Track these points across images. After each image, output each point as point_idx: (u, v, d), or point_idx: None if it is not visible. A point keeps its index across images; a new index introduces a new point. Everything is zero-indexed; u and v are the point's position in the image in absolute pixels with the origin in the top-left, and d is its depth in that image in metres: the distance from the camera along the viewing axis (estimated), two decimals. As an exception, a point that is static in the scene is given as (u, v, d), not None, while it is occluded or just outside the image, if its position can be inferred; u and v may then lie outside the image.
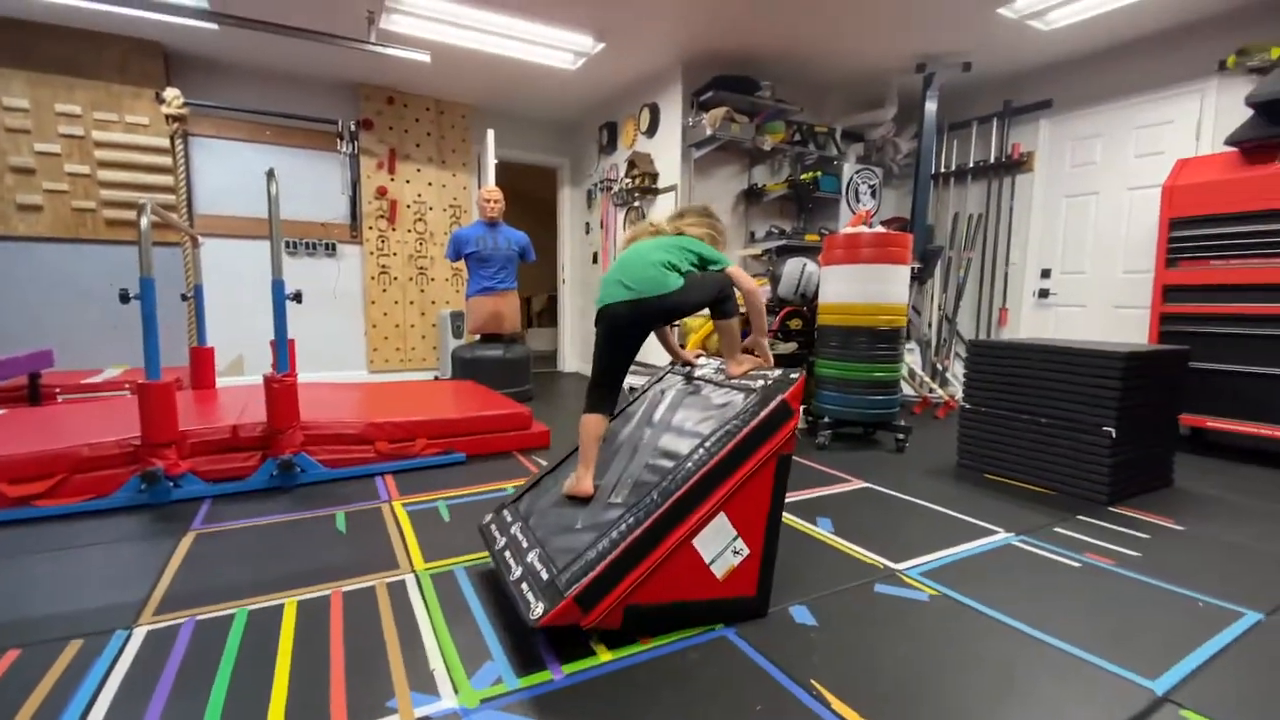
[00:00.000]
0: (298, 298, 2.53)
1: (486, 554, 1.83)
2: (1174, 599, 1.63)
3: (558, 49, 4.14)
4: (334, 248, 5.11)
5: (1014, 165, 4.48)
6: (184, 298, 3.53)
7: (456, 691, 1.20)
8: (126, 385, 3.58)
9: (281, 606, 1.53)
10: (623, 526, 1.36)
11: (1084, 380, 2.42)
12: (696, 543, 1.40)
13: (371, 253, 5.20)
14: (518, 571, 1.43)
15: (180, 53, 4.47)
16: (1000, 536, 2.04)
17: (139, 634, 1.41)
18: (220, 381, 4.41)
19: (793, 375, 1.57)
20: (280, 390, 2.40)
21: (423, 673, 1.26)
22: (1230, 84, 3.49)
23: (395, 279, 5.30)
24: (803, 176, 4.50)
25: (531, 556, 1.46)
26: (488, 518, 1.78)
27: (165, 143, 4.41)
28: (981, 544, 1.98)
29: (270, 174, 2.44)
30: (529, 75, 4.66)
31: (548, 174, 6.44)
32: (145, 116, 4.37)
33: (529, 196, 8.34)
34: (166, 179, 4.45)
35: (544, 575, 1.35)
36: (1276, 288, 2.93)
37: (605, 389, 1.74)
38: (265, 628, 1.43)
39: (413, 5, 3.58)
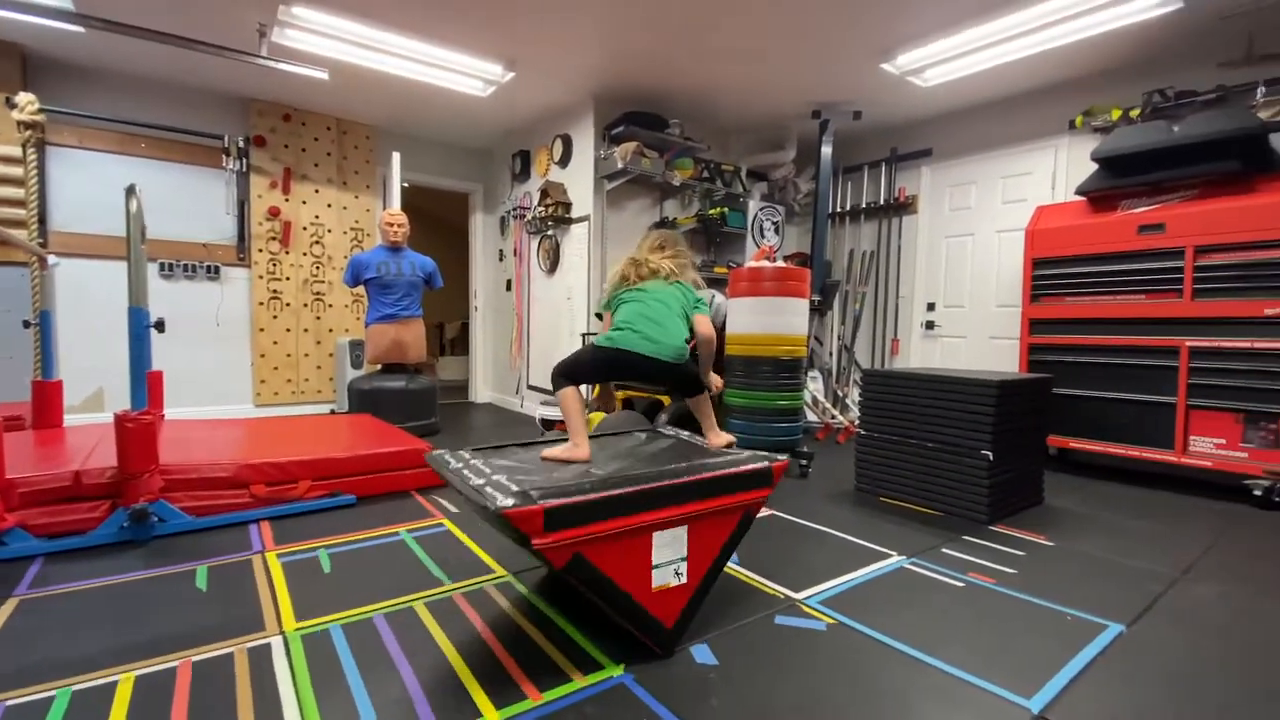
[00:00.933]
0: (159, 326, 2.28)
1: (371, 608, 1.68)
2: (1047, 615, 1.73)
3: (467, 75, 4.08)
4: (217, 270, 4.71)
5: (901, 207, 4.84)
6: (26, 324, 3.11)
7: (318, 773, 1.07)
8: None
9: (114, 684, 1.32)
10: (608, 479, 1.39)
11: (963, 407, 2.59)
12: (656, 537, 1.43)
13: (261, 276, 4.83)
14: (479, 481, 1.42)
15: (42, 56, 4.04)
16: (894, 560, 2.11)
17: (-79, 732, 1.17)
18: (74, 419, 3.92)
19: (779, 458, 1.66)
20: (134, 430, 2.13)
21: (279, 754, 1.12)
22: (1079, 140, 3.94)
23: (287, 305, 4.95)
24: (711, 211, 4.63)
25: (499, 476, 1.45)
26: (438, 451, 1.76)
27: (16, 151, 3.94)
28: (876, 568, 2.04)
29: (130, 190, 2.20)
30: (438, 99, 4.55)
31: (460, 198, 6.29)
32: (-9, 121, 3.89)
33: (440, 221, 8.13)
34: (15, 191, 3.96)
35: (513, 488, 1.34)
36: (1120, 321, 3.29)
37: (577, 382, 1.88)
38: (91, 711, 1.22)
39: (308, 21, 3.41)
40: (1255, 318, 2.91)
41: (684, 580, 1.49)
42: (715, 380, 2.04)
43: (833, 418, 4.53)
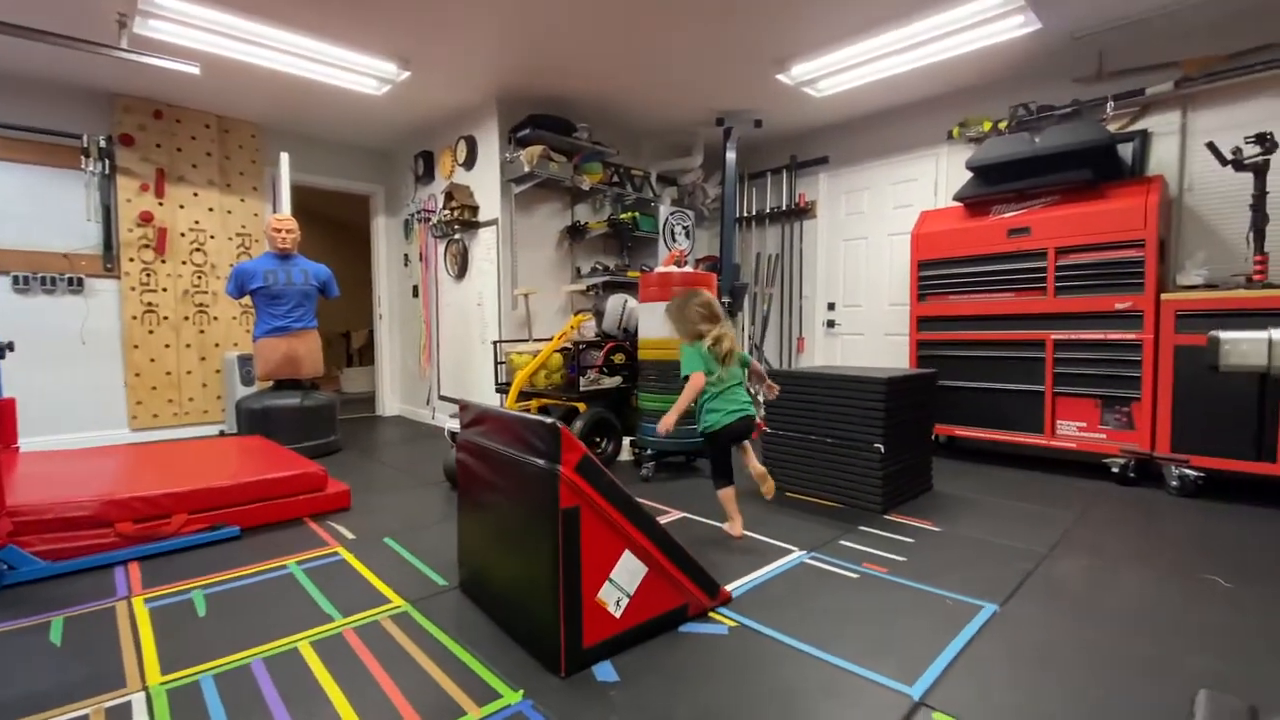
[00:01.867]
0: (4, 350, 2.02)
1: (249, 653, 1.56)
2: (930, 600, 1.85)
3: (358, 73, 3.87)
4: (80, 283, 4.24)
5: (801, 212, 5.05)
6: None
7: None
8: None
9: (-71, 772, 1.15)
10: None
11: (856, 403, 2.73)
12: (626, 555, 1.57)
13: (133, 288, 4.40)
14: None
15: None
16: (795, 555, 2.19)
17: None
18: (-103, 457, 3.42)
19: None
20: (-35, 472, 1.88)
21: (128, 833, 1.01)
22: (956, 150, 4.24)
23: (165, 318, 4.53)
24: (622, 216, 4.65)
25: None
26: None
27: None
28: (779, 565, 2.11)
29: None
30: (328, 97, 4.30)
31: (360, 200, 5.98)
32: None
33: (339, 223, 7.71)
34: None
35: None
36: (994, 318, 3.57)
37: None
38: (-108, 811, 1.06)
39: (173, 11, 3.12)
40: (1107, 312, 3.23)
41: (618, 615, 1.55)
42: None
43: (745, 416, 4.65)
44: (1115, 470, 3.20)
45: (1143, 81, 3.53)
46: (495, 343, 4.35)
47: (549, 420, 1.50)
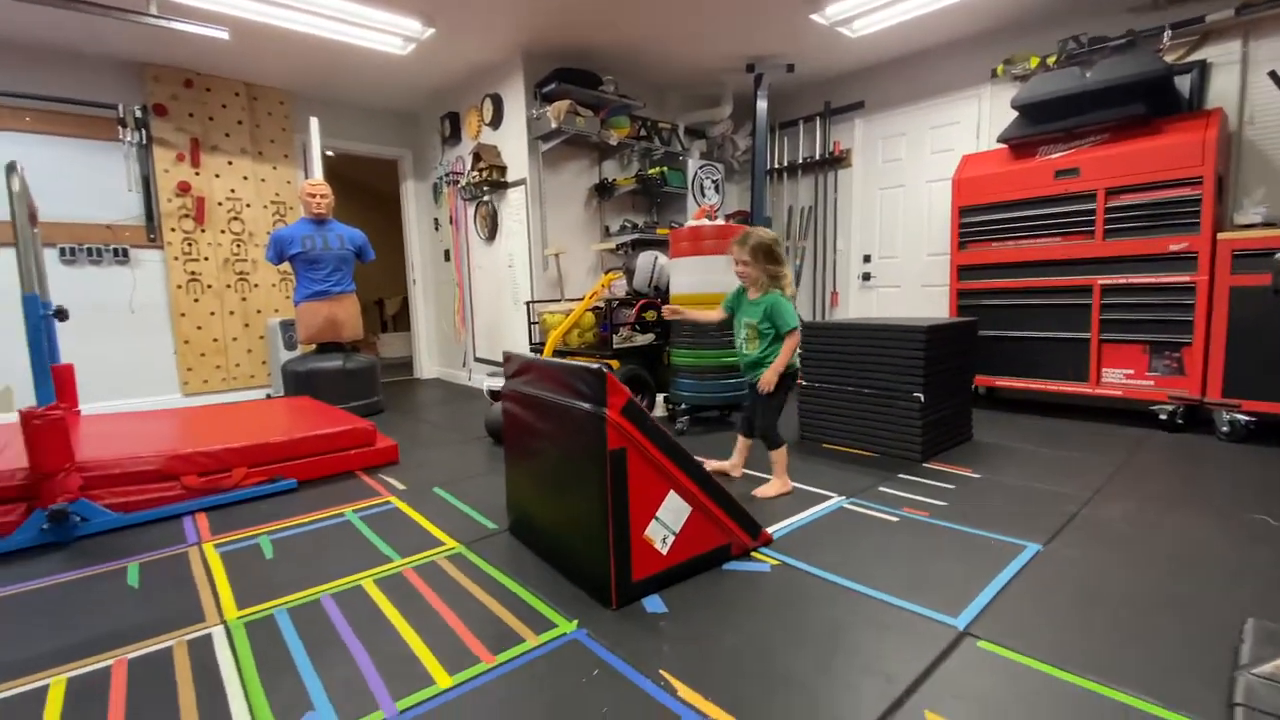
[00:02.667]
0: (60, 314, 2.11)
1: (317, 589, 1.65)
2: (972, 541, 1.86)
3: (382, 31, 3.84)
4: (125, 253, 4.37)
5: (836, 161, 4.90)
6: (-94, 321, 2.83)
7: (267, 755, 1.06)
8: None
9: (45, 689, 1.26)
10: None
11: (896, 353, 2.70)
12: (670, 495, 1.61)
13: (176, 258, 4.52)
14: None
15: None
16: (834, 501, 2.21)
17: None
18: (-24, 421, 3.64)
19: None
20: (43, 427, 1.99)
21: (226, 740, 1.10)
22: (1001, 89, 4.05)
23: (209, 287, 4.66)
24: (650, 171, 4.58)
25: None
26: None
27: None
28: (818, 510, 2.13)
29: (10, 167, 2.00)
30: (355, 59, 4.29)
31: (388, 165, 6.00)
32: None
33: (370, 189, 7.76)
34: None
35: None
36: (1039, 264, 3.46)
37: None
38: (19, 719, 1.17)
39: (201, -26, 3.13)
40: (1160, 254, 3.10)
41: (664, 552, 1.59)
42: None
43: (778, 372, 4.64)
44: (1163, 417, 3.12)
45: (1202, 9, 3.30)
46: (528, 303, 4.39)
47: (594, 365, 1.52)
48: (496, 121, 4.57)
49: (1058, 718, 1.10)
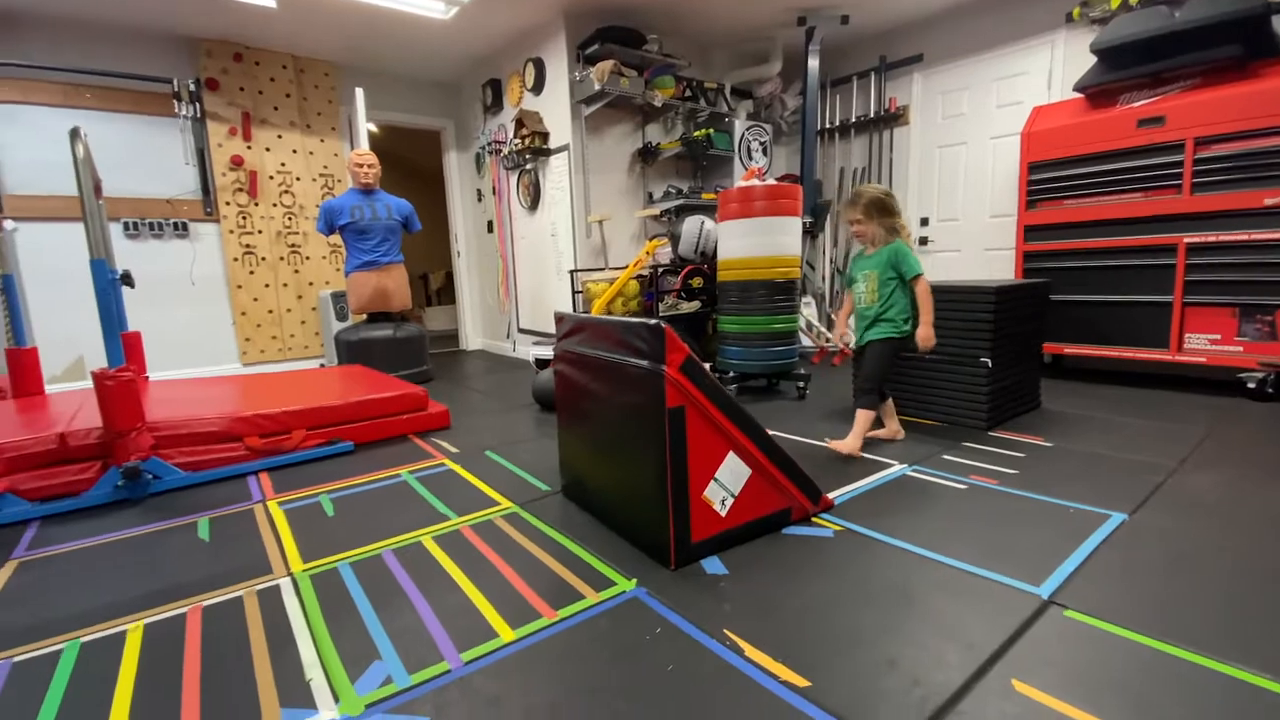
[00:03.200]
0: (126, 279, 2.17)
1: (378, 545, 1.67)
2: (1049, 509, 1.75)
3: (426, -5, 3.80)
4: (185, 227, 4.51)
5: (892, 119, 4.66)
6: (-12, 291, 2.98)
7: (337, 700, 1.07)
8: (-76, 400, 3.00)
9: (123, 634, 1.31)
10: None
11: (962, 316, 2.56)
12: (730, 456, 1.56)
13: (231, 231, 4.64)
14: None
15: (-36, 2, 3.71)
16: (896, 469, 2.12)
17: (-69, 690, 1.15)
18: (57, 388, 3.84)
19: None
20: (115, 388, 2.06)
21: (297, 686, 1.11)
22: (1076, 34, 3.75)
23: (263, 259, 4.78)
24: (696, 134, 4.44)
25: None
26: None
27: (-50, 109, 3.68)
28: (879, 477, 2.05)
29: (74, 133, 2.05)
30: (398, 26, 4.26)
31: (431, 139, 6.01)
32: (-82, 78, 3.62)
33: (412, 165, 7.81)
34: (-43, 153, 3.73)
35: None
36: (1117, 222, 3.22)
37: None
38: (101, 660, 1.21)
39: (247, -59, 3.13)
40: (1254, 209, 2.85)
41: (723, 514, 1.55)
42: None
43: (827, 341, 4.51)
44: (1251, 385, 2.90)
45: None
46: (572, 272, 4.36)
47: (652, 321, 1.46)
48: (538, 86, 4.49)
49: (1163, 692, 1.02)
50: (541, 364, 3.60)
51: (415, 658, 1.17)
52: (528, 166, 4.75)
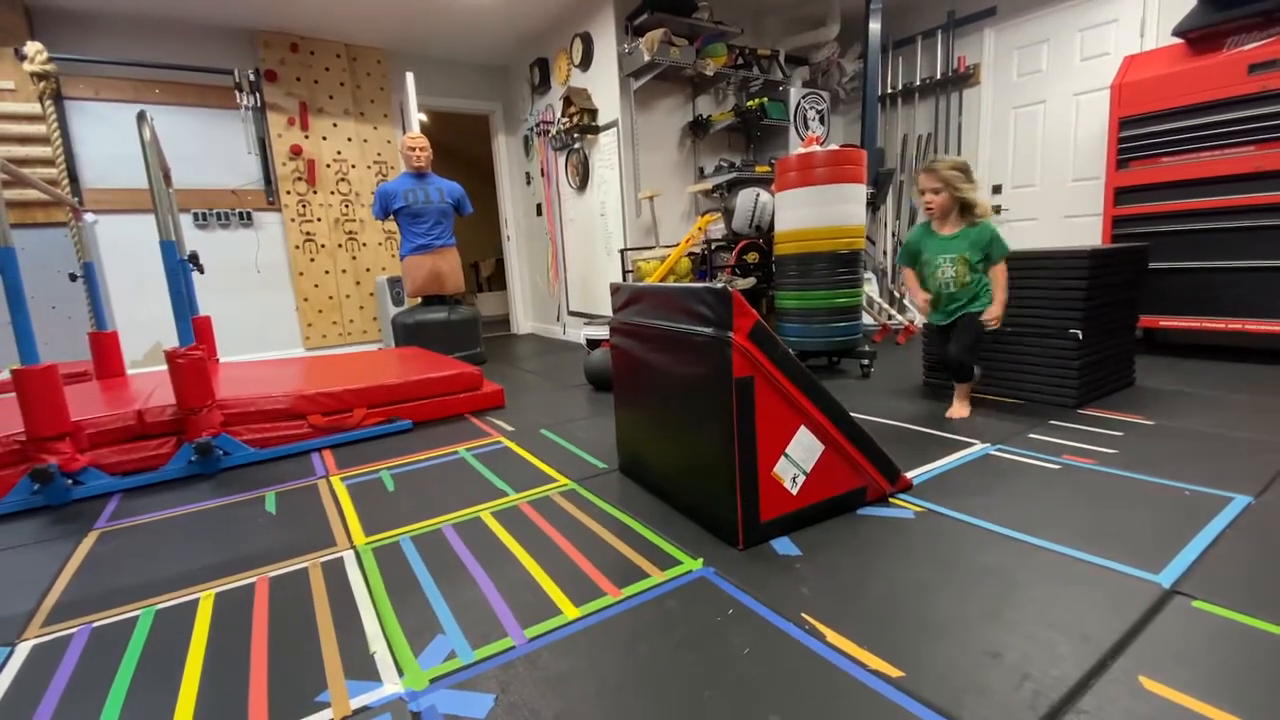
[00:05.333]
0: (194, 260, 2.22)
1: (438, 520, 1.66)
2: (1160, 490, 1.58)
3: (473, -26, 3.76)
4: (249, 216, 4.66)
5: (961, 79, 4.35)
6: (73, 277, 3.13)
7: (401, 674, 1.04)
8: (21, 382, 3.19)
9: (195, 602, 1.32)
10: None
11: (1048, 284, 2.35)
12: (801, 431, 1.46)
13: (293, 219, 4.77)
14: None
15: (43, 4, 3.90)
16: (977, 448, 1.97)
17: (22, 650, 1.19)
18: (135, 371, 4.03)
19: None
20: (186, 366, 2.12)
21: (361, 657, 1.09)
22: (1173, -25, 3.40)
23: (323, 246, 4.90)
24: (749, 104, 4.28)
25: None
26: None
27: (37, 108, 3.88)
28: (959, 457, 1.90)
29: (141, 116, 2.09)
30: (446, 7, 4.25)
31: (479, 125, 6.02)
32: (10, 80, 3.83)
33: (462, 153, 7.87)
34: (44, 150, 3.93)
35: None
36: (1229, 179, 2.91)
37: None
38: (174, 627, 1.23)
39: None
40: (1394, 158, 2.51)
41: (794, 492, 1.46)
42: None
43: (890, 318, 4.29)
44: (1388, 359, 2.58)
45: None
46: (622, 251, 4.29)
47: (718, 285, 1.37)
48: (586, 62, 4.41)
49: (1329, 696, 0.88)
50: (593, 344, 3.56)
51: (478, 633, 1.13)
52: (576, 146, 4.68)
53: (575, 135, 4.55)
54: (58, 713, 1.00)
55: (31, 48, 3.74)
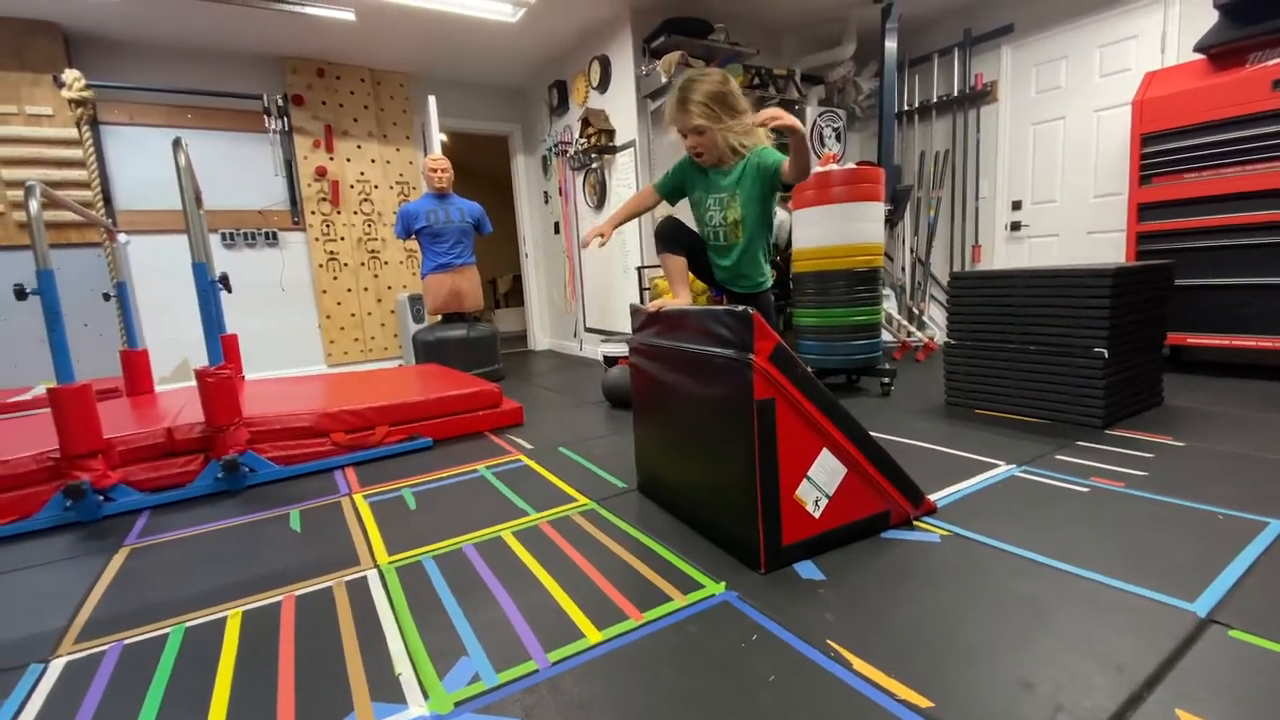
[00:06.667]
0: (224, 282, 2.28)
1: (459, 539, 1.67)
2: (1192, 515, 1.54)
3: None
4: (275, 236, 4.77)
5: (978, 96, 4.36)
6: (107, 297, 3.22)
7: (427, 696, 1.04)
8: (54, 398, 3.27)
9: (224, 620, 1.34)
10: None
11: (1072, 302, 2.32)
12: (824, 453, 1.45)
13: (317, 239, 4.87)
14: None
15: (81, 32, 4.06)
16: (1003, 469, 1.94)
17: (56, 666, 1.21)
18: (164, 388, 4.12)
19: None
20: (215, 384, 2.16)
21: (387, 679, 1.09)
22: (1193, -8, 3.39)
23: (345, 265, 4.99)
24: (764, 123, 4.30)
25: None
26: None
27: (73, 133, 4.03)
28: (984, 479, 1.88)
29: (177, 143, 2.17)
30: (467, 31, 4.35)
31: (499, 146, 6.13)
32: (48, 106, 3.98)
33: (481, 173, 8.01)
34: (80, 174, 4.07)
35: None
36: (1255, 195, 2.87)
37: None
38: (204, 645, 1.25)
39: (329, -43, 3.26)
40: None
41: (816, 516, 1.44)
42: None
43: (909, 335, 4.27)
44: None
45: None
46: (639, 269, 4.32)
47: (738, 307, 1.38)
48: (604, 84, 4.48)
49: (1379, 734, 0.85)
50: (610, 361, 3.57)
51: (502, 656, 1.14)
52: (594, 165, 4.74)
53: (593, 155, 4.61)
54: (91, 730, 1.02)
55: (69, 75, 3.89)
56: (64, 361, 1.98)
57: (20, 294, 2.00)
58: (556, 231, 5.62)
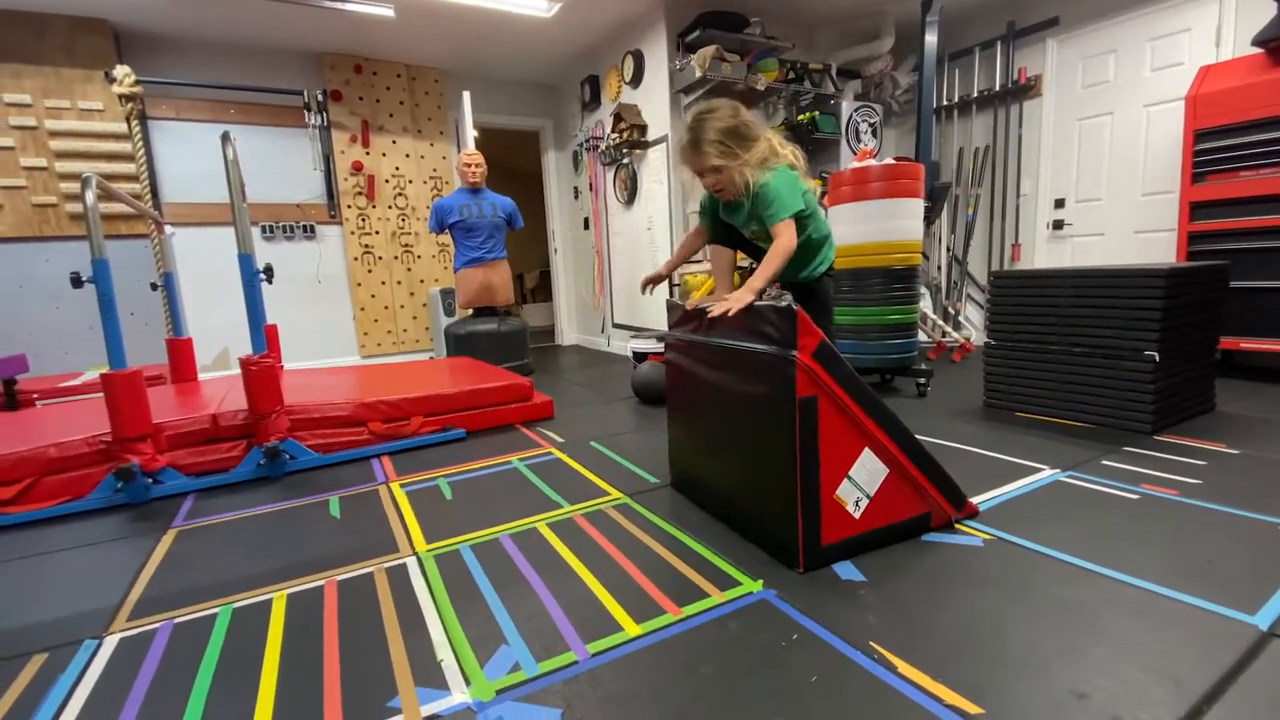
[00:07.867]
0: (268, 273, 2.33)
1: (496, 529, 1.68)
2: (1251, 525, 1.48)
3: (530, -6, 3.86)
4: (313, 230, 4.87)
5: (1021, 91, 4.24)
6: (154, 287, 3.32)
7: (468, 683, 1.05)
8: (104, 384, 3.39)
9: (269, 602, 1.37)
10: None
11: (1122, 303, 2.25)
12: (865, 453, 1.43)
13: (352, 232, 4.96)
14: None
15: (130, 29, 4.18)
16: (1047, 474, 1.89)
17: (110, 642, 1.25)
18: (206, 376, 4.24)
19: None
20: (259, 373, 2.22)
21: (429, 665, 1.11)
22: (1254, -18, 3.24)
23: (380, 259, 5.07)
24: (800, 118, 4.25)
25: None
26: None
27: (123, 127, 4.15)
28: (1028, 483, 1.83)
29: (225, 136, 2.22)
30: (501, 27, 4.37)
31: (530, 142, 6.16)
32: (99, 101, 4.10)
33: (512, 168, 8.05)
34: (129, 167, 4.20)
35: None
36: (1318, 193, 2.74)
37: None
38: (251, 626, 1.28)
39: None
40: None
41: (857, 516, 1.43)
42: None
43: (945, 335, 4.18)
44: None
45: None
46: (670, 264, 4.29)
47: (782, 303, 1.36)
48: (637, 79, 4.46)
49: None
50: (640, 357, 3.57)
51: (541, 645, 1.14)
52: (625, 160, 4.74)
53: (624, 150, 4.60)
54: (145, 706, 1.05)
55: (120, 71, 4.01)
56: (117, 348, 2.05)
57: (76, 282, 2.07)
58: (586, 227, 5.64)
